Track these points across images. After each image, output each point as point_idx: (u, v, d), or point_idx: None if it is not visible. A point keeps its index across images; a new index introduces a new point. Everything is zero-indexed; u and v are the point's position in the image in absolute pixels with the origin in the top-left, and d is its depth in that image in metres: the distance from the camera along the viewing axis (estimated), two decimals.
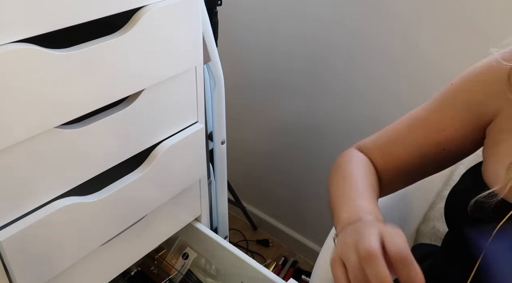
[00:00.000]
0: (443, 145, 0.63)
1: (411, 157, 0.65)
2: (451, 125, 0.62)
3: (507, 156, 0.55)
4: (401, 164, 0.66)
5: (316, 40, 1.26)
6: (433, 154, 0.64)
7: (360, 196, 0.59)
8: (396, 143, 0.66)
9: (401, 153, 0.66)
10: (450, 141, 0.62)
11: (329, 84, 1.30)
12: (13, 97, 0.52)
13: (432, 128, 0.63)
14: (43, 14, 0.52)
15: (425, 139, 0.64)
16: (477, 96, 0.59)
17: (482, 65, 0.60)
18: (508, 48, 0.58)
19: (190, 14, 0.70)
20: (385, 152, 0.67)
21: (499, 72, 0.57)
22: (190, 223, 0.95)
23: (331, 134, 1.37)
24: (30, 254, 0.62)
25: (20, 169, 0.57)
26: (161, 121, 0.75)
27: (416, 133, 0.64)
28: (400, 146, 0.66)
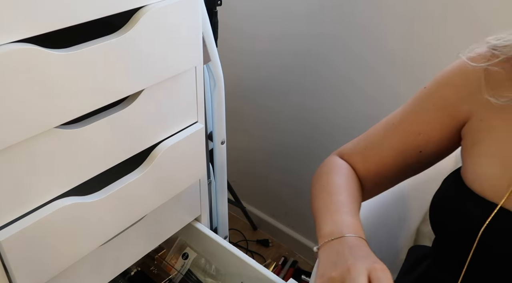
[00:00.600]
0: (420, 148, 0.64)
1: (390, 161, 0.66)
2: (426, 128, 0.63)
3: (484, 157, 0.56)
4: (381, 168, 0.67)
5: (317, 39, 1.26)
6: (411, 156, 0.65)
7: (342, 208, 0.60)
8: (374, 148, 0.67)
9: (380, 157, 0.67)
10: (426, 143, 0.63)
11: (329, 83, 1.30)
12: (13, 97, 0.52)
13: (408, 132, 0.64)
14: (43, 14, 0.52)
15: (402, 143, 0.65)
16: (449, 99, 0.61)
17: (452, 69, 0.62)
18: (473, 52, 0.60)
19: (190, 14, 0.70)
20: (365, 157, 0.68)
21: (469, 74, 0.59)
22: (190, 223, 0.95)
23: (331, 134, 1.38)
24: (30, 254, 0.62)
25: (20, 168, 0.57)
26: (161, 121, 0.75)
27: (393, 137, 0.66)
28: (378, 151, 0.67)
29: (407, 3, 1.05)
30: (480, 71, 0.58)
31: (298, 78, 1.36)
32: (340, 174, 0.67)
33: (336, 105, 1.31)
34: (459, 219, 0.57)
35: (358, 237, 0.55)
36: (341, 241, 0.54)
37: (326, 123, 1.37)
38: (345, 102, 1.29)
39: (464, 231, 0.56)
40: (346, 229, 0.56)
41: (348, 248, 0.53)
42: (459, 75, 0.60)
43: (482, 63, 0.57)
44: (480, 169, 0.56)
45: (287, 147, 1.52)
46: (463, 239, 0.57)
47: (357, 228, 0.57)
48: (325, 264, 0.53)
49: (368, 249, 0.54)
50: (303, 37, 1.28)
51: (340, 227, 0.56)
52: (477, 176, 0.57)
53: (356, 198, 0.64)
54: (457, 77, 0.61)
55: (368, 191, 0.70)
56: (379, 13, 1.11)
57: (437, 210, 0.61)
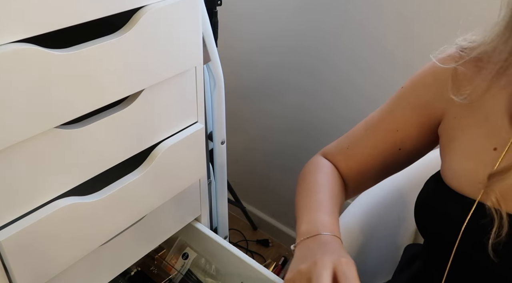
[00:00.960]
0: (398, 145, 0.66)
1: (371, 159, 0.69)
2: (403, 126, 0.65)
3: (459, 153, 0.58)
4: (363, 166, 0.69)
5: (317, 38, 1.26)
6: (391, 154, 0.67)
7: (320, 207, 0.62)
8: (355, 146, 0.70)
9: (361, 156, 0.69)
10: (404, 141, 0.65)
11: (329, 83, 1.30)
12: (13, 97, 0.52)
13: (386, 130, 0.67)
14: (43, 14, 0.52)
15: (381, 141, 0.67)
16: (423, 98, 0.63)
17: (425, 69, 0.65)
18: (444, 53, 0.63)
19: (190, 14, 0.70)
20: (347, 156, 0.70)
21: (439, 74, 0.61)
22: (190, 223, 0.95)
23: (331, 133, 1.37)
24: (30, 254, 0.62)
25: (20, 168, 0.57)
26: (161, 121, 0.75)
27: (373, 136, 0.68)
28: (359, 149, 0.69)
29: (407, 2, 1.05)
30: (449, 71, 0.60)
31: (298, 78, 1.36)
32: (323, 173, 0.69)
33: (336, 105, 1.31)
34: (441, 218, 0.58)
35: (333, 235, 0.57)
36: (315, 238, 0.56)
37: (326, 123, 1.37)
38: (345, 101, 1.29)
39: (446, 230, 0.57)
40: (322, 227, 0.58)
41: (319, 244, 0.55)
42: (431, 75, 0.63)
43: (451, 64, 0.60)
44: (456, 165, 0.58)
45: (287, 146, 1.52)
46: (445, 238, 0.57)
47: (332, 227, 0.58)
48: (297, 259, 0.55)
49: (339, 245, 0.55)
50: (303, 37, 1.28)
51: (317, 225, 0.58)
52: (454, 173, 0.58)
53: (337, 197, 0.66)
54: (429, 77, 0.63)
55: (351, 188, 0.72)
56: (379, 12, 1.11)
57: (420, 210, 0.63)
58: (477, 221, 0.53)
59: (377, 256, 0.92)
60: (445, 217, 0.57)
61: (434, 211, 0.59)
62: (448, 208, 0.57)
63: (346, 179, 0.71)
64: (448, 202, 0.57)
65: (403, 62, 1.12)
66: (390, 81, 1.16)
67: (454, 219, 0.55)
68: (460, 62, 0.59)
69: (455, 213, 0.56)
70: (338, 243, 0.56)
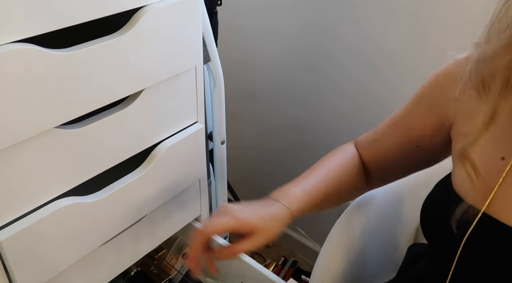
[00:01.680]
0: (416, 142, 0.67)
1: (391, 154, 0.70)
2: (419, 124, 0.66)
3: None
4: (385, 159, 0.71)
5: (317, 39, 1.26)
6: (410, 150, 0.68)
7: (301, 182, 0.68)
8: (379, 140, 0.72)
9: (383, 150, 0.71)
10: (421, 139, 0.66)
11: (331, 82, 1.30)
12: (13, 97, 0.52)
13: (405, 127, 0.68)
14: (43, 14, 0.52)
15: (401, 137, 0.69)
16: (437, 99, 0.63)
17: (442, 69, 0.64)
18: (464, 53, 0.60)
19: (190, 14, 0.70)
20: (371, 148, 0.73)
21: (453, 75, 0.60)
22: (190, 223, 0.95)
23: (332, 133, 1.37)
24: (30, 254, 0.62)
25: (20, 168, 0.57)
26: (161, 121, 0.75)
27: (394, 132, 0.70)
28: (382, 144, 0.71)
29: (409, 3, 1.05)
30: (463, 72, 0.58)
31: (299, 77, 1.36)
32: (339, 157, 0.73)
33: (338, 104, 1.31)
34: (445, 225, 0.57)
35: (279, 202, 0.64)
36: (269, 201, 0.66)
37: (327, 123, 1.37)
38: (347, 101, 1.29)
39: (449, 237, 0.57)
40: (282, 196, 0.65)
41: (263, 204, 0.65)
42: (445, 76, 0.62)
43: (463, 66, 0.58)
44: (463, 172, 0.57)
45: (288, 146, 1.52)
46: (448, 244, 0.57)
47: (292, 198, 0.65)
48: None
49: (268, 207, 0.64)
50: (304, 35, 1.28)
51: (281, 194, 0.66)
52: (462, 179, 0.57)
53: (331, 177, 0.70)
54: (443, 77, 0.63)
55: (375, 178, 0.75)
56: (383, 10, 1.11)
57: (426, 214, 0.62)
58: (481, 231, 0.53)
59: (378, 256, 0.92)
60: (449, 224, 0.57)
61: (440, 216, 0.59)
62: (453, 215, 0.56)
63: (370, 169, 0.74)
64: (453, 208, 0.56)
65: (407, 61, 1.12)
66: (390, 81, 1.16)
67: (458, 227, 0.55)
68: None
69: (459, 221, 0.55)
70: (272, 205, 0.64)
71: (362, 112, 1.26)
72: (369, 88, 1.22)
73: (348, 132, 1.32)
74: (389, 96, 1.19)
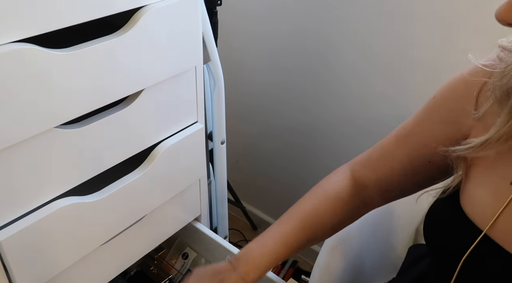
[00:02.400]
0: (428, 157, 0.63)
1: (402, 171, 0.66)
2: (431, 139, 0.62)
3: (479, 178, 0.55)
4: (394, 178, 0.67)
5: (317, 40, 1.26)
6: (421, 166, 0.64)
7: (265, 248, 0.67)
8: (386, 158, 0.67)
9: (391, 168, 0.67)
10: (433, 154, 0.62)
11: (329, 84, 1.30)
12: (13, 97, 0.52)
13: (415, 142, 0.64)
14: (43, 14, 0.52)
15: (411, 153, 0.64)
16: (452, 113, 0.59)
17: (457, 79, 0.59)
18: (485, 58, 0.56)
19: (190, 14, 0.70)
20: (376, 168, 0.68)
21: (471, 88, 0.56)
22: (190, 223, 0.95)
23: (331, 134, 1.38)
24: (30, 254, 0.62)
25: (20, 168, 0.57)
26: (161, 121, 0.75)
27: (403, 147, 0.65)
28: (389, 161, 0.67)
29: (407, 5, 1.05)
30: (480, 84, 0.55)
31: (299, 78, 1.36)
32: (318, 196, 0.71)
33: (336, 106, 1.31)
34: (446, 240, 0.57)
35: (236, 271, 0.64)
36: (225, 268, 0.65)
37: (325, 124, 1.37)
38: (345, 103, 1.29)
39: (448, 253, 0.56)
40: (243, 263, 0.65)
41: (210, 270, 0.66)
42: (462, 89, 0.58)
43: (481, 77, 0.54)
44: (473, 190, 0.55)
45: (288, 146, 1.52)
46: (448, 259, 0.56)
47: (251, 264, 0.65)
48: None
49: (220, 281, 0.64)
50: (303, 36, 1.28)
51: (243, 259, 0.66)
52: (470, 197, 0.55)
53: (307, 228, 0.68)
54: (459, 89, 0.58)
55: (380, 198, 0.70)
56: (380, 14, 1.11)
57: (429, 225, 0.61)
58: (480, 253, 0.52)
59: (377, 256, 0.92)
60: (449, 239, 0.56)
61: (441, 228, 0.58)
62: (455, 232, 0.55)
63: (373, 190, 0.69)
64: (456, 225, 0.55)
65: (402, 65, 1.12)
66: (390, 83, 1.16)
67: (458, 244, 0.54)
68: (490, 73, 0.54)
69: (460, 239, 0.54)
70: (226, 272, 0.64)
71: (363, 116, 1.26)
72: (370, 90, 1.22)
73: (348, 132, 1.32)
74: (390, 97, 1.19)
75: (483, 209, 0.53)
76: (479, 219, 0.53)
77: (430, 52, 1.07)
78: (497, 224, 0.51)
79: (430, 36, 1.05)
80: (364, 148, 0.71)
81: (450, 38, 1.02)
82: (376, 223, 0.91)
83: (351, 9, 1.15)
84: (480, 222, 0.53)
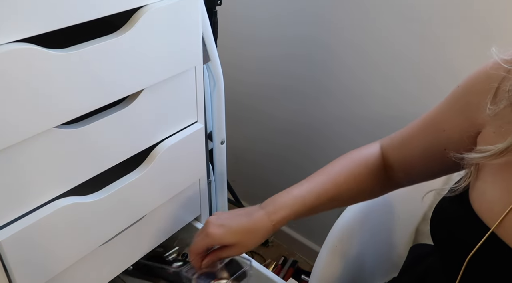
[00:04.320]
0: (444, 145, 0.64)
1: (418, 155, 0.68)
2: (448, 126, 0.63)
3: (490, 175, 0.55)
4: (411, 160, 0.69)
5: (316, 41, 1.26)
6: (438, 153, 0.65)
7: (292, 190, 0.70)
8: (408, 141, 0.70)
9: (410, 151, 0.69)
10: (449, 142, 0.63)
11: (328, 85, 1.30)
12: (13, 97, 0.52)
13: (435, 128, 0.65)
14: (43, 14, 0.52)
15: (429, 139, 0.66)
16: (470, 105, 0.59)
17: (480, 72, 0.59)
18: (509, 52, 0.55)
19: (190, 14, 0.70)
20: (399, 149, 0.71)
21: (491, 82, 0.55)
22: (190, 223, 0.95)
23: (330, 134, 1.38)
24: (30, 254, 0.62)
25: (20, 168, 0.57)
26: (160, 121, 0.75)
27: (424, 132, 0.67)
28: (410, 145, 0.69)
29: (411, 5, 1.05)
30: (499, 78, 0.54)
31: (298, 78, 1.36)
32: (344, 162, 0.73)
33: (336, 107, 1.31)
34: (453, 236, 0.56)
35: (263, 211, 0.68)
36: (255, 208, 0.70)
37: (324, 125, 1.37)
38: (344, 104, 1.29)
39: (455, 249, 0.56)
40: (270, 204, 0.69)
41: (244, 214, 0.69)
42: (483, 81, 0.57)
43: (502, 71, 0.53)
44: (483, 187, 0.55)
45: (288, 147, 1.52)
46: (454, 256, 0.56)
47: (278, 207, 0.68)
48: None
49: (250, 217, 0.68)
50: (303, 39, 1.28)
51: (270, 201, 0.69)
52: (479, 194, 0.55)
53: (328, 184, 0.70)
54: (480, 82, 0.58)
55: (403, 180, 0.73)
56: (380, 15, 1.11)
57: (436, 219, 0.61)
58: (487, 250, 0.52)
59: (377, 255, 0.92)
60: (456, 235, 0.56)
61: (449, 224, 0.57)
62: (462, 228, 0.55)
63: (395, 169, 0.72)
64: (464, 221, 0.55)
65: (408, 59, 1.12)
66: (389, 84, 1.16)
67: (466, 241, 0.54)
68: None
69: (467, 236, 0.54)
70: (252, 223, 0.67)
71: (362, 116, 1.27)
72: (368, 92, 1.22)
73: (347, 133, 1.32)
74: (392, 98, 1.19)
75: (492, 206, 0.53)
76: (487, 217, 0.53)
77: (427, 54, 1.07)
78: (505, 222, 0.51)
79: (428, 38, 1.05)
80: None
81: (448, 40, 1.02)
82: (376, 223, 0.91)
83: (348, 11, 1.15)
84: (488, 219, 0.53)
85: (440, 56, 1.05)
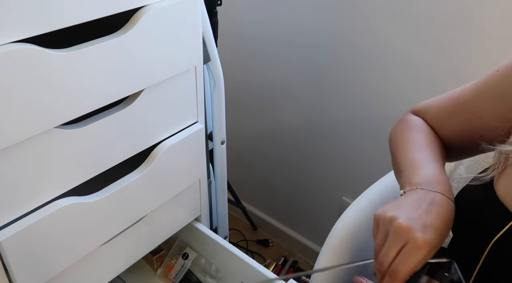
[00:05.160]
0: (480, 132, 0.62)
1: (454, 137, 0.66)
2: (485, 113, 0.60)
3: None
4: (448, 140, 0.67)
5: (317, 43, 1.26)
6: (473, 138, 0.63)
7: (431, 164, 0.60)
8: (442, 120, 0.67)
9: (445, 132, 0.66)
10: (485, 129, 0.61)
11: (328, 85, 1.30)
12: (13, 97, 0.52)
13: (470, 113, 0.63)
14: (43, 14, 0.52)
15: (465, 123, 0.63)
16: (509, 90, 0.57)
17: None
18: None
19: (190, 14, 0.70)
20: (437, 126, 0.68)
21: None
22: (190, 223, 0.95)
23: (330, 135, 1.38)
24: (30, 254, 0.62)
25: (20, 168, 0.57)
26: (161, 121, 0.75)
27: (458, 116, 0.65)
28: (444, 125, 0.66)
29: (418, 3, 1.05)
30: None
31: (298, 78, 1.36)
32: (423, 132, 0.67)
33: (336, 107, 1.31)
34: (476, 221, 0.55)
35: (448, 198, 0.55)
36: (429, 194, 0.55)
37: (325, 125, 1.37)
38: (344, 104, 1.29)
39: (477, 236, 0.55)
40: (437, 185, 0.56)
41: (430, 204, 0.53)
42: None
43: None
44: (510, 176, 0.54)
45: (288, 147, 1.52)
46: (476, 242, 0.55)
47: (446, 186, 0.56)
48: (404, 202, 0.54)
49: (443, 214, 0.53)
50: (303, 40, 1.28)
51: (432, 181, 0.56)
52: (505, 181, 0.54)
53: (442, 155, 0.64)
54: None
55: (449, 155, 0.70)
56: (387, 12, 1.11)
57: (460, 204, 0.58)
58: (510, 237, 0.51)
59: None
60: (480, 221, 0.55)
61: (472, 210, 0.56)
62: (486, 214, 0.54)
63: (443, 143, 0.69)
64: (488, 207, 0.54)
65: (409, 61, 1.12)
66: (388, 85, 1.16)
67: (488, 228, 0.53)
68: None
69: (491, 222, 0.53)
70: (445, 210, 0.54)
71: (363, 115, 1.26)
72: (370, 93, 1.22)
73: (347, 134, 1.32)
74: (393, 100, 1.19)
75: None
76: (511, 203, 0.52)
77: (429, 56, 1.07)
78: None
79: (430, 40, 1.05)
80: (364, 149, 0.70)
81: (453, 42, 1.02)
82: None
83: (350, 12, 1.15)
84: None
85: (442, 58, 1.05)
